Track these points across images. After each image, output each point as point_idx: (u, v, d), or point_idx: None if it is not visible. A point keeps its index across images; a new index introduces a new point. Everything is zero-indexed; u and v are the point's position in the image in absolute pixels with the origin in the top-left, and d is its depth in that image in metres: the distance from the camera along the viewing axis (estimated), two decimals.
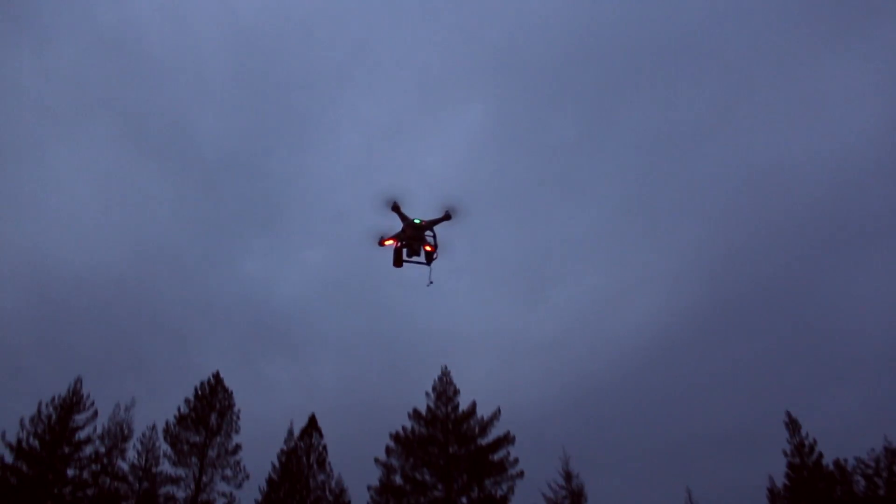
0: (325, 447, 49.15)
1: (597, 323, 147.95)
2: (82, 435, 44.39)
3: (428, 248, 6.79)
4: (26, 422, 43.13)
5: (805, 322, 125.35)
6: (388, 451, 50.34)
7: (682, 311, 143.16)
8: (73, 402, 44.83)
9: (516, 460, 49.17)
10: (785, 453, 45.14)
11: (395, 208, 7.93)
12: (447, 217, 8.18)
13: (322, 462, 48.47)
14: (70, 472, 43.41)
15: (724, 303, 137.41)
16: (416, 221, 6.82)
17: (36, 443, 42.66)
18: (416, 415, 51.12)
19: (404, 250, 7.83)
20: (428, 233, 9.30)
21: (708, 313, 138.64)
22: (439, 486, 49.32)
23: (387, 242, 7.37)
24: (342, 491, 51.88)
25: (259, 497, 48.32)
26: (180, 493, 45.51)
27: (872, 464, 41.60)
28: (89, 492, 43.21)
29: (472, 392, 70.34)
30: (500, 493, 48.81)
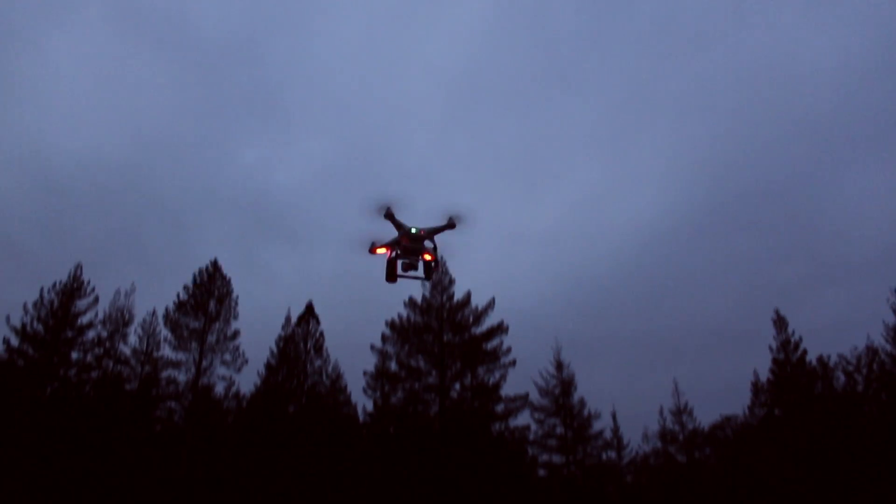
0: (322, 333, 50.32)
1: (593, 216, 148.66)
2: (84, 320, 45.42)
3: (427, 257, 5.96)
4: (29, 306, 44.08)
5: (800, 223, 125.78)
6: (383, 338, 51.46)
7: (678, 208, 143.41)
8: (74, 288, 45.58)
9: (509, 349, 50.46)
10: (771, 349, 46.23)
11: (389, 216, 7.04)
12: (451, 225, 7.23)
13: (319, 348, 49.73)
14: (74, 356, 44.68)
15: (720, 200, 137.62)
16: (414, 231, 5.90)
17: (40, 327, 43.67)
18: (411, 303, 52.02)
19: (399, 262, 6.81)
20: (427, 241, 8.29)
21: (704, 210, 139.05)
22: (433, 373, 50.73)
23: (379, 251, 6.44)
24: (338, 376, 53.43)
25: (258, 381, 49.90)
26: (181, 377, 46.92)
27: (854, 361, 42.65)
28: (93, 374, 44.61)
29: (468, 282, 71.38)
30: (492, 380, 50.33)
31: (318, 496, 42.15)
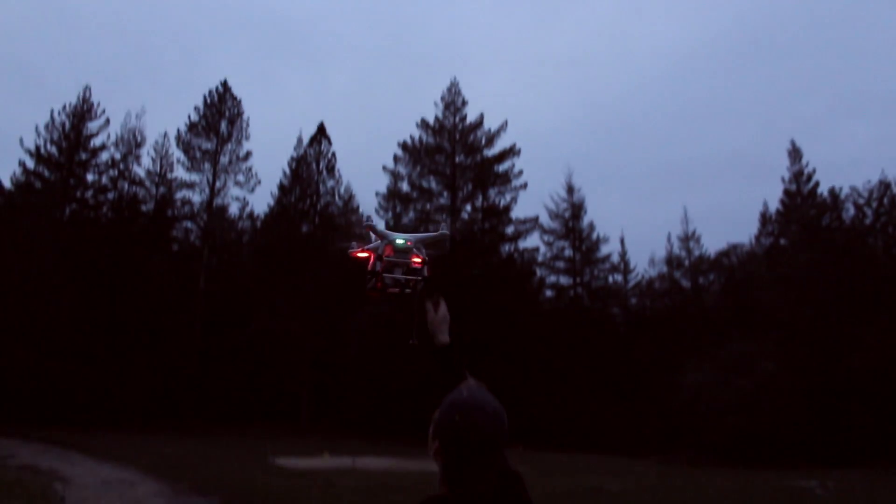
0: (334, 154, 50.35)
1: (614, 41, 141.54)
2: (97, 142, 45.66)
3: (417, 260, 4.54)
4: (41, 129, 44.28)
5: (827, 53, 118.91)
6: (395, 158, 51.36)
7: (702, 33, 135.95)
8: (84, 110, 45.40)
9: (521, 172, 50.42)
10: (783, 180, 45.66)
11: (370, 227, 5.51)
12: (442, 238, 5.52)
13: (331, 169, 49.99)
14: (89, 178, 45.49)
15: (748, 25, 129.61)
16: (401, 242, 4.46)
17: (53, 149, 44.08)
18: (423, 124, 51.40)
19: (384, 277, 5.14)
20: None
21: (729, 37, 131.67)
22: (445, 194, 51.17)
23: (360, 254, 4.97)
24: (351, 197, 54.06)
25: (271, 202, 50.75)
26: (196, 198, 47.82)
27: (865, 195, 42.18)
28: (110, 196, 45.57)
29: (481, 104, 70.04)
30: (503, 202, 50.80)
31: (331, 312, 44.06)
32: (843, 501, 14.36)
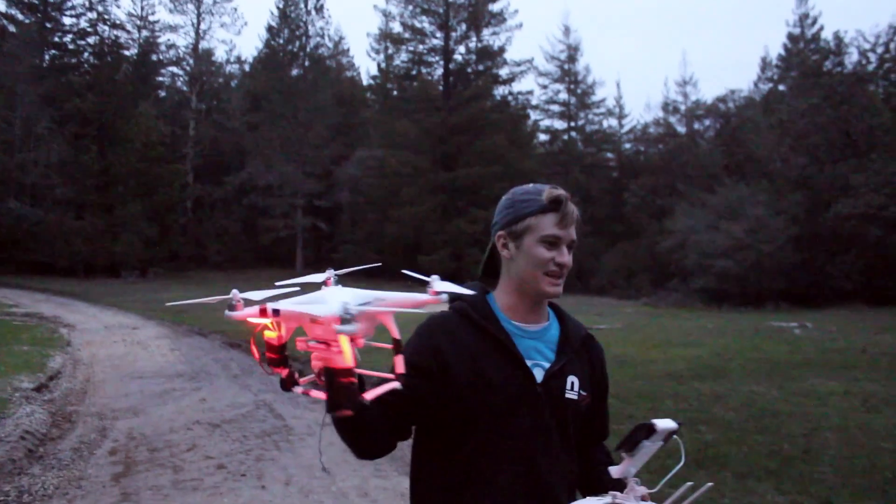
0: None
1: None
2: None
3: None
4: None
5: None
6: None
7: None
8: None
9: (516, 11, 48.57)
10: (787, 23, 44.25)
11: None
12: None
13: (320, 8, 47.95)
14: (67, 21, 43.65)
15: None
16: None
17: None
18: None
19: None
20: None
21: None
22: (438, 35, 49.54)
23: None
24: (341, 38, 52.35)
25: (259, 45, 49.13)
26: (181, 42, 46.35)
27: (872, 39, 40.86)
28: (90, 40, 43.93)
29: None
30: (497, 43, 49.24)
31: (323, 157, 43.88)
32: (818, 339, 15.21)
